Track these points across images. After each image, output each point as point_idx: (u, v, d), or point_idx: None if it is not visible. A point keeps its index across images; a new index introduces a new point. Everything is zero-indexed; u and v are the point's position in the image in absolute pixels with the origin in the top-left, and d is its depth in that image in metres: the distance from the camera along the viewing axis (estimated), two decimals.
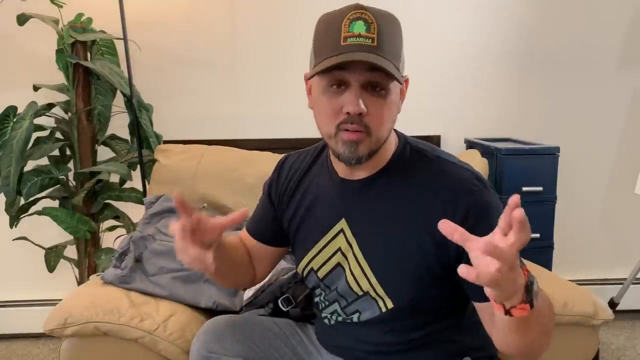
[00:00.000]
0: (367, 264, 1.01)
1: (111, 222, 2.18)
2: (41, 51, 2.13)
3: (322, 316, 1.14)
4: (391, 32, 0.92)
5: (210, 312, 1.42)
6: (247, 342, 1.13)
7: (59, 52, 2.03)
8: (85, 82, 2.04)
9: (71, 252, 2.13)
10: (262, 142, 2.19)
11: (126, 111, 2.10)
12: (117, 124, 2.16)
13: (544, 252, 2.05)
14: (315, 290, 1.14)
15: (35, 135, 1.98)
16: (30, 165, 1.99)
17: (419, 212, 0.96)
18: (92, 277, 1.56)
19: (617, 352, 2.24)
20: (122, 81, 2.00)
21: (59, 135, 2.08)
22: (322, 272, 1.08)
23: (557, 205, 2.07)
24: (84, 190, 2.00)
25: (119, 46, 2.07)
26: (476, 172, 1.00)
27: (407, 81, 1.00)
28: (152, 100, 2.18)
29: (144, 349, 1.30)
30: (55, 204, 2.09)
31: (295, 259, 1.16)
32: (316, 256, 1.08)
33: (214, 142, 2.03)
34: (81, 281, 2.11)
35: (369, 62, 0.86)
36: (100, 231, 2.14)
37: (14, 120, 1.93)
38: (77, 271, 2.14)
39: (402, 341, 1.04)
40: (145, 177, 2.06)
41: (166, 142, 2.13)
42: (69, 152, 2.10)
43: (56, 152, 2.09)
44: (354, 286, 1.04)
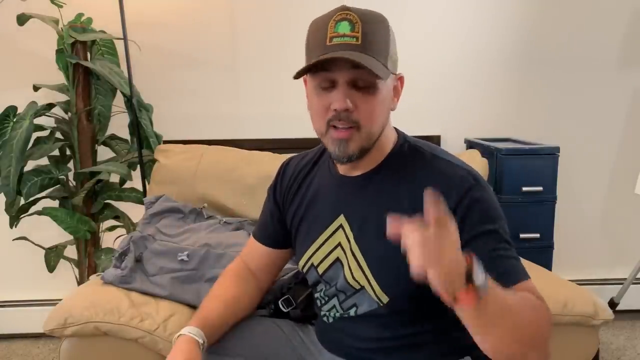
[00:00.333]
0: (364, 259, 1.03)
1: (111, 222, 2.18)
2: (41, 51, 2.13)
3: (321, 314, 1.15)
4: (376, 31, 0.95)
5: None
6: (248, 342, 1.13)
7: (59, 52, 2.03)
8: (85, 82, 2.04)
9: (71, 252, 2.13)
10: (262, 142, 2.19)
11: (126, 111, 2.10)
12: (117, 124, 2.16)
13: (544, 252, 2.05)
14: (316, 286, 1.15)
15: (35, 135, 1.98)
16: (30, 165, 1.99)
17: (413, 208, 0.96)
18: (92, 277, 1.56)
19: (617, 352, 2.24)
20: (122, 81, 2.00)
21: (59, 135, 2.08)
22: (321, 267, 1.10)
23: (557, 205, 2.06)
24: (84, 190, 2.00)
25: (119, 46, 2.07)
26: (472, 170, 1.00)
27: (402, 79, 1.03)
28: (152, 100, 2.18)
29: (144, 349, 1.31)
30: (55, 204, 2.09)
31: (296, 255, 1.18)
32: (317, 251, 1.10)
33: (213, 142, 2.03)
34: (81, 281, 2.11)
35: (351, 59, 0.89)
36: (100, 231, 2.14)
37: (14, 120, 1.93)
38: (77, 271, 2.14)
39: (401, 336, 1.05)
40: (145, 177, 2.06)
41: (166, 142, 2.13)
42: (69, 152, 2.10)
43: (56, 152, 2.09)
44: (351, 280, 1.05)
